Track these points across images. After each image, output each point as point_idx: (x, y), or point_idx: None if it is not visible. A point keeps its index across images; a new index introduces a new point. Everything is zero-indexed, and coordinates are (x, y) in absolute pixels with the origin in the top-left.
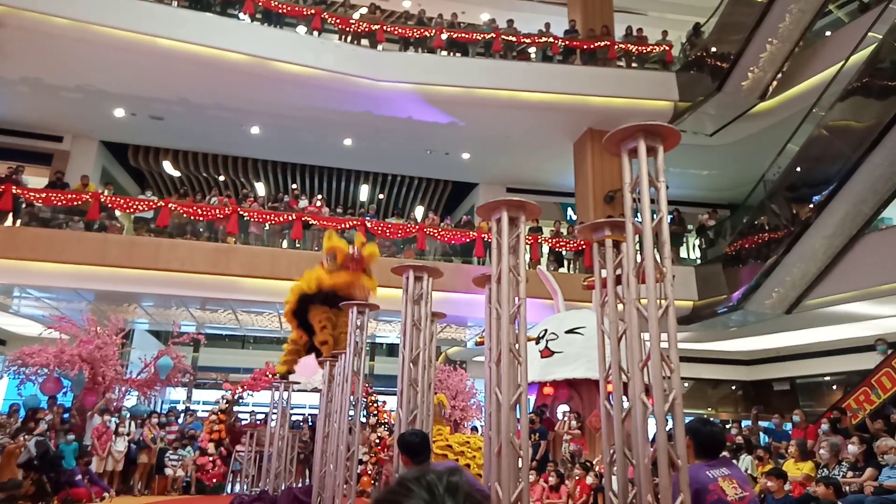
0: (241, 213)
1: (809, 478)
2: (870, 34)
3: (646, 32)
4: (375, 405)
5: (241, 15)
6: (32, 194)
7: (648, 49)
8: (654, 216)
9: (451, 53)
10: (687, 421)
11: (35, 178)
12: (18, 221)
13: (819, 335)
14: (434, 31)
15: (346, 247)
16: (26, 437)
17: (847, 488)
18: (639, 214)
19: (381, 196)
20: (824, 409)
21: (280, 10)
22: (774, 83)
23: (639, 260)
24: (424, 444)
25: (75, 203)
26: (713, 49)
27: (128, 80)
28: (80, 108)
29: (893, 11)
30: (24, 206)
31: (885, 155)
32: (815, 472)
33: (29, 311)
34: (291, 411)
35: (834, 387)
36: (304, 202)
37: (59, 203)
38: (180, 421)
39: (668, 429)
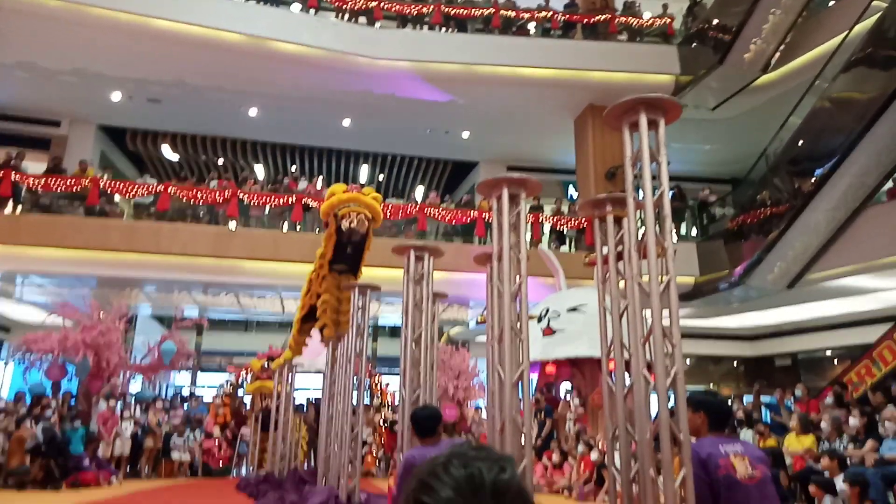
0: (240, 196)
1: (810, 451)
2: (874, 3)
3: (647, 4)
4: (378, 386)
5: None
6: (32, 180)
7: (650, 22)
8: (656, 191)
9: (450, 30)
10: (691, 394)
11: (33, 164)
12: (19, 208)
13: (821, 309)
14: (432, 7)
15: (344, 187)
16: (33, 423)
17: (849, 461)
18: (640, 189)
19: (381, 177)
20: (826, 383)
21: None
22: (777, 55)
23: (640, 235)
24: (431, 419)
25: (75, 188)
26: (715, 21)
27: (124, 63)
28: (76, 92)
29: None
30: (24, 192)
31: (888, 126)
32: (815, 445)
33: (32, 298)
34: (295, 393)
35: (836, 361)
36: (303, 184)
37: (59, 189)
38: (185, 405)
39: (669, 405)
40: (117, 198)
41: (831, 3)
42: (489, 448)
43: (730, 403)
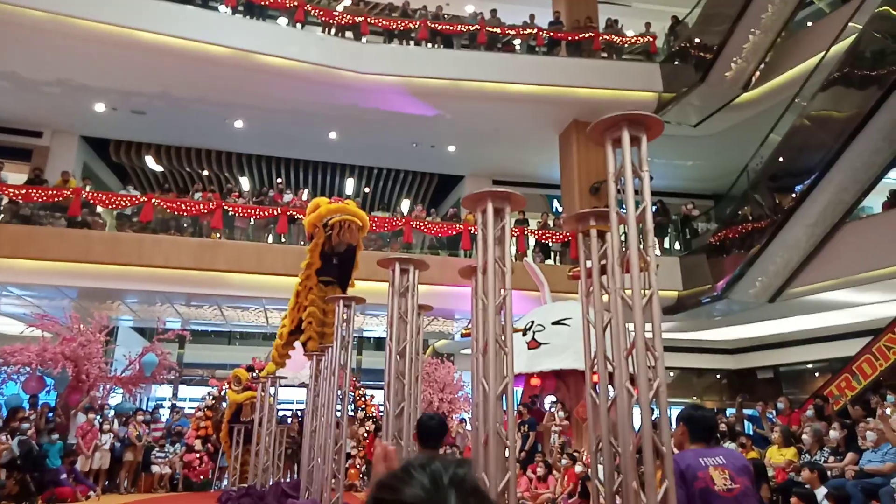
0: (225, 207)
1: (792, 463)
2: (850, 24)
3: (630, 23)
4: (363, 399)
5: (222, 7)
6: (12, 191)
7: (633, 40)
8: (639, 206)
9: (436, 45)
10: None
11: (14, 175)
12: None
13: (802, 323)
14: (418, 23)
15: (326, 200)
16: (8, 436)
17: (829, 473)
18: (624, 204)
19: (366, 189)
20: (807, 396)
21: (262, 2)
22: (757, 73)
23: (623, 250)
24: (438, 429)
25: (57, 199)
26: (697, 40)
27: (108, 74)
28: (59, 103)
29: (873, 2)
30: (4, 202)
31: (865, 144)
32: (797, 457)
33: (10, 310)
34: (278, 406)
35: (817, 374)
36: (289, 196)
37: (41, 199)
38: (166, 418)
39: (653, 417)
40: (100, 209)
41: (809, 24)
42: (442, 455)
43: (715, 416)
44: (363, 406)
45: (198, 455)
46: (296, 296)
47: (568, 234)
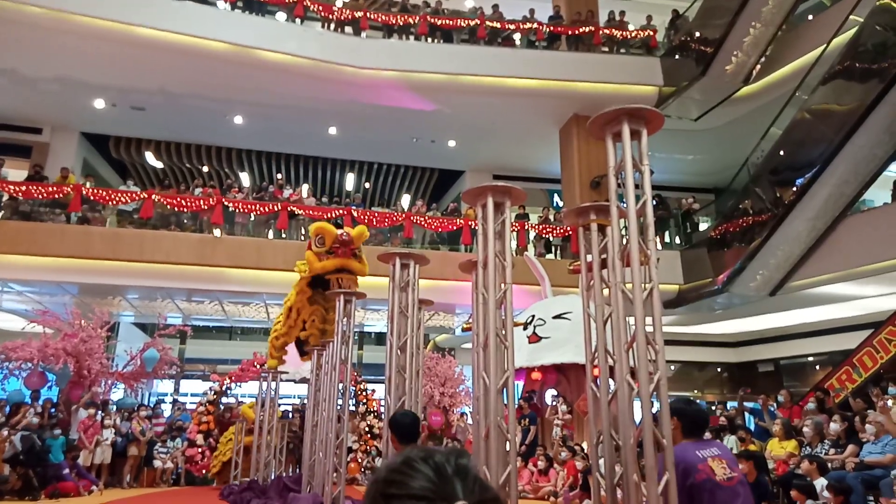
0: (225, 203)
1: (792, 455)
2: (851, 17)
3: (630, 17)
4: (364, 393)
5: (221, 2)
6: (12, 187)
7: (633, 34)
8: (639, 200)
9: (436, 40)
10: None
11: (14, 171)
12: None
13: (803, 316)
14: (418, 17)
15: (334, 230)
16: (11, 431)
17: (830, 465)
18: (624, 198)
19: (366, 185)
20: (808, 388)
21: None
22: (758, 67)
23: (624, 243)
24: (414, 425)
25: (57, 196)
26: (697, 33)
27: (107, 71)
28: (58, 100)
29: None
30: (4, 199)
31: (866, 137)
32: (798, 450)
33: (11, 306)
34: (280, 401)
35: (817, 367)
36: (289, 192)
37: (41, 196)
38: (167, 413)
39: (653, 410)
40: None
41: (810, 17)
42: (439, 448)
43: (710, 410)
44: (364, 400)
45: (199, 450)
46: (294, 311)
47: (568, 228)
